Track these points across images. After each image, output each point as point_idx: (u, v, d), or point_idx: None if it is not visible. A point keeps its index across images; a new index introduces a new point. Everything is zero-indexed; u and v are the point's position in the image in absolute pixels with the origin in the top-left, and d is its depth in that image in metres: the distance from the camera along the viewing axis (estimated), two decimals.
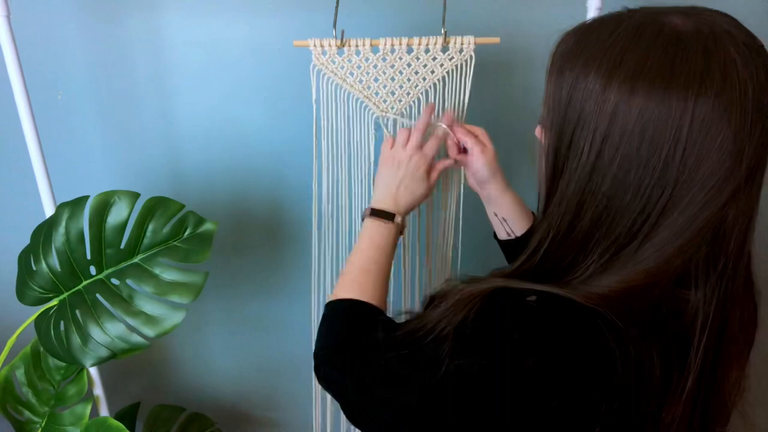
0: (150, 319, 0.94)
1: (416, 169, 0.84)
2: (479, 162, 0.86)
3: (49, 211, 1.01)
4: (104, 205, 0.95)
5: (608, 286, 0.52)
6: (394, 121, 0.96)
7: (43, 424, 1.05)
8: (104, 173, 1.22)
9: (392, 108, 0.95)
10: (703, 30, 0.49)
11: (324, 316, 0.74)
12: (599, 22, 0.54)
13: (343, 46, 0.91)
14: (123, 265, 0.97)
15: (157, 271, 0.96)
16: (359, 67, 0.92)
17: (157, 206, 0.96)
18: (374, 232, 0.80)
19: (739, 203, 0.50)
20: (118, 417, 1.25)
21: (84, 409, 1.05)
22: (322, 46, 0.91)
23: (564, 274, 0.55)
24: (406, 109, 0.95)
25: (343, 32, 0.90)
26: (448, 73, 0.92)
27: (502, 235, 0.89)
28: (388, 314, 0.74)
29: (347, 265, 0.78)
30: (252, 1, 1.09)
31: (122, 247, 0.96)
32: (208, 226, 0.98)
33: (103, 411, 1.11)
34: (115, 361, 0.96)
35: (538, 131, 0.60)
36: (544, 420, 0.52)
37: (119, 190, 0.96)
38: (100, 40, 1.12)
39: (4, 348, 0.99)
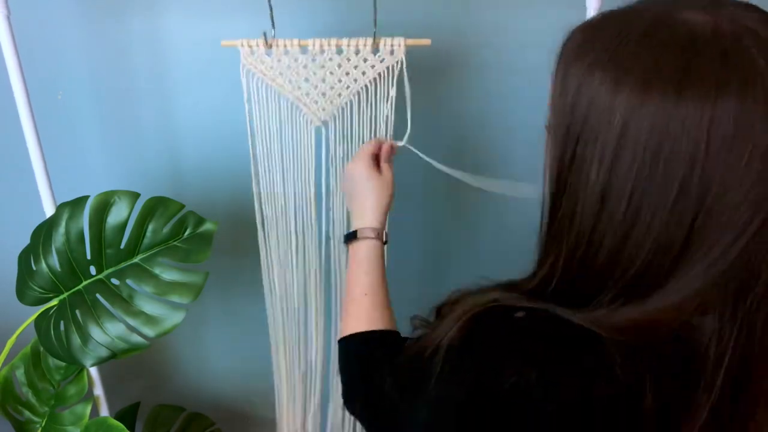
0: (150, 319, 0.94)
1: (358, 173, 0.81)
2: None
3: (49, 211, 1.01)
4: (104, 205, 0.95)
5: (628, 318, 0.47)
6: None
7: (43, 424, 1.05)
8: (104, 173, 1.22)
9: (323, 109, 0.94)
10: (722, 28, 0.43)
11: (339, 353, 0.73)
12: (608, 18, 0.48)
13: (270, 46, 0.90)
14: (123, 265, 0.97)
15: (157, 271, 0.96)
16: (289, 67, 0.91)
17: (157, 206, 0.96)
18: (351, 256, 0.78)
19: None
20: (118, 417, 1.25)
21: (84, 409, 1.05)
22: (250, 46, 0.90)
23: (583, 302, 0.50)
24: (338, 110, 0.94)
25: (265, 33, 0.89)
26: (379, 75, 0.91)
27: None
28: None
29: (345, 296, 0.76)
30: (252, 0, 1.09)
31: (122, 247, 0.96)
32: (208, 226, 0.98)
33: (103, 411, 1.11)
34: (115, 361, 0.96)
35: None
36: None
37: (119, 190, 0.96)
38: (100, 40, 1.12)
39: (4, 348, 0.99)
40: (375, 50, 0.90)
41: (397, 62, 0.90)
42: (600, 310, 0.48)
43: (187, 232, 0.97)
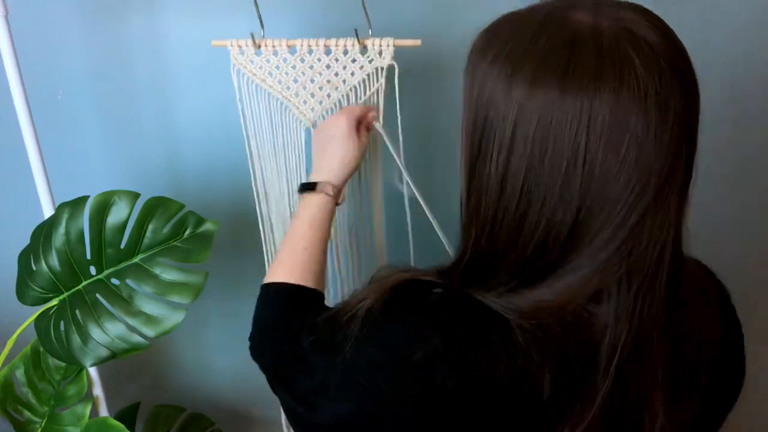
0: (150, 319, 0.94)
1: (339, 129, 0.79)
2: None
3: (48, 211, 1.01)
4: (104, 205, 0.95)
5: (529, 301, 0.49)
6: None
7: (43, 424, 1.05)
8: (104, 173, 1.22)
9: (312, 110, 0.93)
10: (601, 27, 0.46)
11: (261, 296, 0.73)
12: (509, 18, 0.51)
13: (259, 46, 0.90)
14: (123, 265, 0.97)
15: (157, 271, 0.96)
16: (278, 67, 0.91)
17: (157, 206, 0.96)
18: (303, 206, 0.77)
19: (657, 217, 0.46)
20: (118, 417, 1.25)
21: (84, 409, 1.05)
22: (239, 46, 0.90)
23: (488, 283, 0.52)
24: (327, 111, 0.93)
25: (252, 34, 0.89)
26: (368, 75, 0.90)
27: None
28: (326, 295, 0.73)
29: (283, 243, 0.76)
30: (251, 0, 1.09)
31: (122, 247, 0.96)
32: (208, 226, 0.98)
33: (103, 411, 1.11)
34: (115, 361, 0.96)
35: None
36: (426, 415, 0.50)
37: (119, 190, 0.96)
38: (100, 40, 1.12)
39: (4, 348, 0.99)
40: (363, 51, 0.89)
41: (387, 63, 0.89)
42: (499, 290, 0.51)
43: (187, 232, 0.97)
